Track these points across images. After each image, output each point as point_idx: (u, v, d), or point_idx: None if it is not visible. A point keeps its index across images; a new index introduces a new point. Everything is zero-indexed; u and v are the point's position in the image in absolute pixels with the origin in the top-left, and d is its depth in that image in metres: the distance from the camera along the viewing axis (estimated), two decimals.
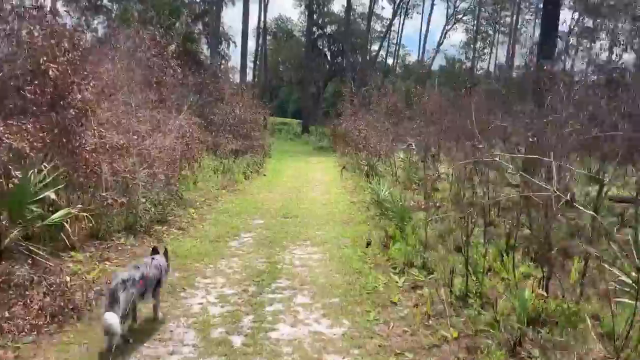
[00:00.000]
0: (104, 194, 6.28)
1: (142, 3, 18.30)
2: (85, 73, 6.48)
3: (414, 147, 10.60)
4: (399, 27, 54.42)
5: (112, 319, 3.37)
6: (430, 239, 6.22)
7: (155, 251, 4.44)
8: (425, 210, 7.32)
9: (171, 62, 16.32)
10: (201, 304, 4.58)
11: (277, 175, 15.07)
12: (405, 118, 14.93)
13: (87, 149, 6.17)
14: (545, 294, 4.21)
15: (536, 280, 4.56)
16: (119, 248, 6.19)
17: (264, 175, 14.70)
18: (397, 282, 5.11)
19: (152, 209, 7.47)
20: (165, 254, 4.45)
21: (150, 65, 13.34)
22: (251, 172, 14.28)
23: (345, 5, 43.21)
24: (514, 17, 53.34)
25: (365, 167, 12.81)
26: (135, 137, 7.33)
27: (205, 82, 18.44)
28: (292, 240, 7.19)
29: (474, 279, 4.63)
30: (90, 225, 6.36)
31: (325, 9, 55.41)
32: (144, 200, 7.15)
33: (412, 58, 63.09)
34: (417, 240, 6.12)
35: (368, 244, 6.62)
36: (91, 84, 6.44)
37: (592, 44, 56.75)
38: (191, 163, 9.76)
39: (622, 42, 43.55)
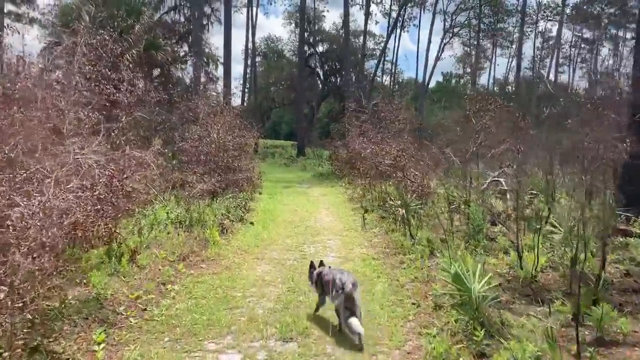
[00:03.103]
0: None
1: (92, 1, 14.33)
2: None
3: (504, 185, 6.32)
4: (394, 44, 51.21)
5: (359, 325, 4.21)
6: None
7: (321, 263, 5.18)
8: None
9: (124, 74, 12.18)
10: None
11: (269, 221, 10.76)
12: (444, 138, 10.82)
13: None
14: None
15: None
16: None
17: (251, 223, 10.36)
18: None
19: None
20: None
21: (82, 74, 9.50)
22: (232, 220, 9.97)
23: (343, 20, 39.66)
24: (516, 30, 50.54)
25: (401, 211, 8.58)
26: None
27: (174, 101, 14.30)
28: None
29: None
30: None
31: (317, 27, 52.43)
32: None
33: (405, 76, 60.13)
34: None
35: None
36: None
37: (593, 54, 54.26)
38: (103, 233, 5.44)
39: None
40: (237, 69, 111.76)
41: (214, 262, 7.23)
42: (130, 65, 13.29)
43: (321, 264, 5.11)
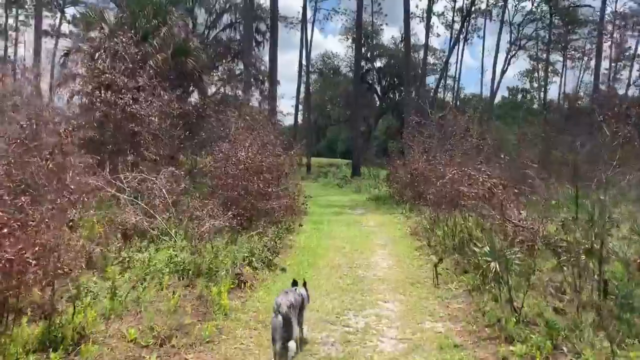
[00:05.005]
0: None
1: (116, 2, 12.84)
2: None
3: None
4: (456, 58, 47.79)
5: (294, 346, 4.20)
6: None
7: (295, 283, 4.92)
8: None
9: (139, 79, 10.25)
10: None
11: (307, 267, 8.21)
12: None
13: None
14: None
15: None
16: None
17: (282, 270, 7.85)
18: None
19: None
20: (305, 285, 4.93)
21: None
22: (256, 267, 7.51)
23: (403, 32, 36.95)
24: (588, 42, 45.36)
25: (493, 265, 5.76)
26: None
27: (202, 114, 12.21)
28: None
29: None
30: None
31: (374, 42, 50.32)
32: None
33: (467, 91, 56.61)
34: None
35: None
36: None
37: None
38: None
39: None
40: (293, 87, 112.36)
41: (208, 346, 4.74)
42: (152, 72, 11.47)
43: (295, 283, 4.99)
